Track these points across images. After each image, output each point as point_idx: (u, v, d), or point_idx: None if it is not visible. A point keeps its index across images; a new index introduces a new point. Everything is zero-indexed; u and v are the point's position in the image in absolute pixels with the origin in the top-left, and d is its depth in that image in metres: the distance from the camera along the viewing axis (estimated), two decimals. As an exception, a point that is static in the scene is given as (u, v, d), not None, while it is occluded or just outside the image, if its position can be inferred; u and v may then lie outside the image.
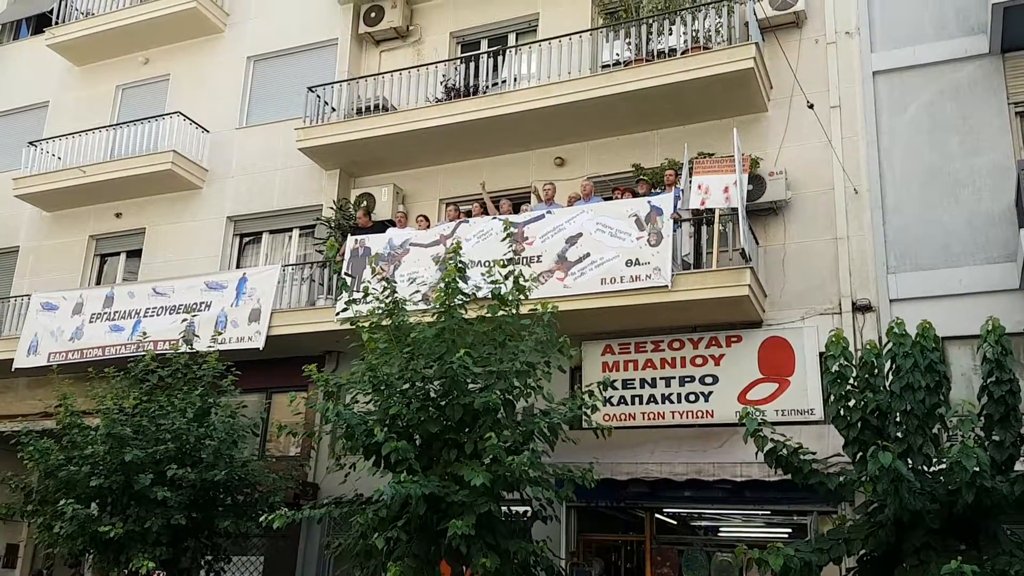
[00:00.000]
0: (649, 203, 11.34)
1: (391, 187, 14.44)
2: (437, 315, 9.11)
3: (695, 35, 12.47)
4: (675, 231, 11.20)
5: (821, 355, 9.61)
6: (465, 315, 9.12)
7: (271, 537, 12.07)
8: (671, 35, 12.68)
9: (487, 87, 14.18)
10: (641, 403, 11.87)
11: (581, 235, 11.49)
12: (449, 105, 13.70)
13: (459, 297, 9.07)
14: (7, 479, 11.81)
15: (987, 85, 11.56)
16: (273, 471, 11.93)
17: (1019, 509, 7.38)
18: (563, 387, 11.07)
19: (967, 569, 6.51)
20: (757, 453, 8.14)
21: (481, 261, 10.86)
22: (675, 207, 11.29)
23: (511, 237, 9.96)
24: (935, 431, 7.84)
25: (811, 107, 11.97)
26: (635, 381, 11.94)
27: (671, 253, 10.98)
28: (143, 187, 16.50)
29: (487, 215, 12.77)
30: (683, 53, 12.37)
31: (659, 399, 11.79)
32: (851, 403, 7.93)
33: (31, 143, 17.54)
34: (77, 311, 15.14)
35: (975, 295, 10.74)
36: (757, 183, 11.90)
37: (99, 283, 17.00)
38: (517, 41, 14.95)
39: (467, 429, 8.78)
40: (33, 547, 16.16)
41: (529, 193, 13.52)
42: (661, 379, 11.83)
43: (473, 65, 14.32)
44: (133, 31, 17.55)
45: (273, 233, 16.02)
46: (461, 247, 9.68)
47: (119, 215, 17.06)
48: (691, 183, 11.38)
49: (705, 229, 11.62)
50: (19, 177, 17.32)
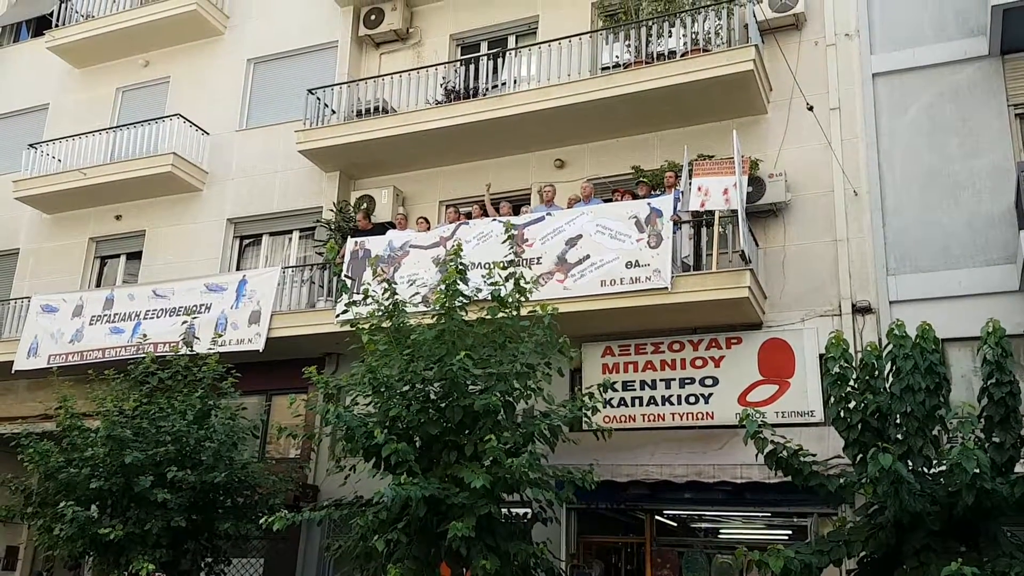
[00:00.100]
0: (649, 205, 11.34)
1: (391, 189, 14.46)
2: (437, 317, 9.11)
3: (695, 37, 12.48)
4: (675, 233, 11.20)
5: (821, 357, 9.61)
6: (465, 317, 9.12)
7: (271, 539, 12.06)
8: (671, 37, 12.69)
9: (487, 89, 14.18)
10: (641, 405, 11.86)
11: (581, 237, 11.49)
12: (449, 107, 13.70)
13: (459, 299, 9.07)
14: (7, 481, 11.80)
15: (987, 87, 11.56)
16: (273, 473, 11.93)
17: (1019, 511, 7.38)
18: (563, 389, 11.06)
19: (967, 571, 6.50)
20: (757, 455, 8.15)
21: (481, 263, 10.86)
22: (675, 209, 11.30)
23: (512, 239, 9.96)
24: (935, 433, 7.84)
25: (811, 109, 11.98)
26: (635, 383, 11.93)
27: (671, 255, 10.98)
28: (143, 189, 16.51)
29: (487, 217, 12.78)
30: (683, 55, 12.38)
31: (659, 401, 11.78)
32: (851, 405, 7.93)
33: (31, 145, 17.55)
34: (77, 313, 15.14)
35: (975, 297, 10.73)
36: (757, 185, 11.90)
37: (99, 285, 17.00)
38: (517, 43, 14.95)
39: (467, 431, 8.79)
40: (33, 549, 16.12)
41: (528, 195, 13.53)
42: (661, 381, 11.83)
43: (473, 67, 14.32)
44: (133, 33, 17.55)
45: (273, 235, 16.02)
46: (462, 249, 9.69)
47: (119, 217, 17.06)
48: (691, 185, 11.39)
49: (705, 231, 11.62)
50: (19, 179, 17.32)
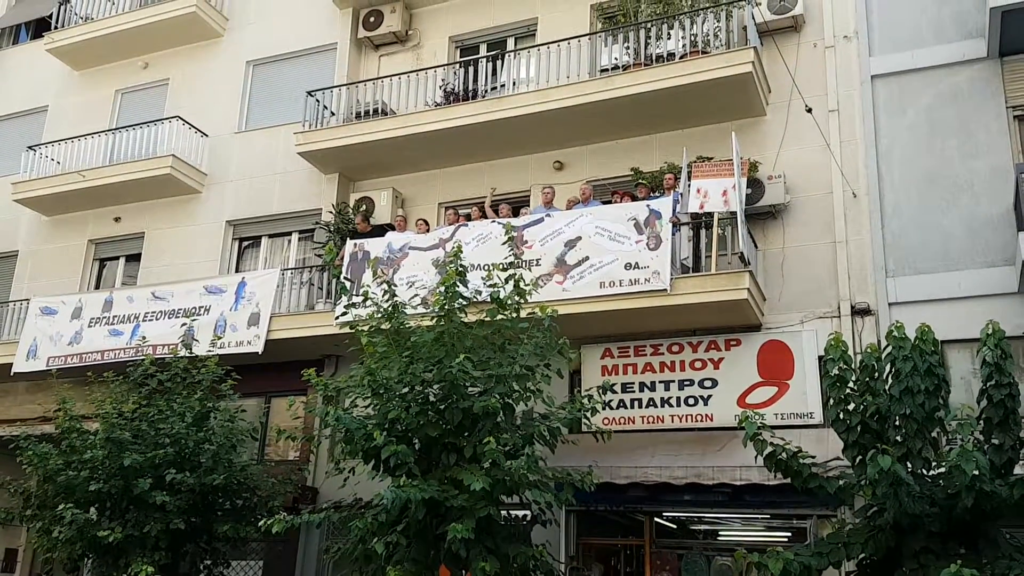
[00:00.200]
0: (648, 207, 11.34)
1: (390, 191, 14.47)
2: (436, 319, 9.11)
3: (694, 39, 12.48)
4: (674, 235, 11.21)
5: (820, 359, 9.62)
6: (464, 319, 9.12)
7: (270, 542, 12.07)
8: (670, 39, 12.69)
9: (486, 91, 14.18)
10: (640, 407, 11.86)
11: (580, 239, 11.49)
12: (448, 109, 13.71)
13: (459, 301, 9.07)
14: (6, 484, 11.79)
15: (985, 89, 11.57)
16: (272, 475, 11.91)
17: (1018, 513, 7.38)
18: (562, 391, 11.06)
19: (966, 573, 6.50)
20: (756, 457, 8.14)
21: (480, 265, 10.87)
22: (674, 211, 11.31)
23: (511, 241, 9.96)
24: (934, 435, 7.85)
25: (809, 111, 11.99)
26: (634, 385, 11.93)
27: (670, 257, 10.98)
28: (142, 191, 16.51)
29: (486, 219, 12.78)
30: (682, 57, 12.39)
31: (658, 403, 11.78)
32: (850, 407, 7.94)
33: (30, 147, 17.54)
34: (76, 315, 15.13)
35: (974, 299, 10.73)
36: (756, 187, 11.91)
37: (98, 287, 16.99)
38: (516, 45, 14.97)
39: (466, 433, 8.78)
40: (32, 552, 16.10)
41: (528, 197, 13.53)
42: (660, 383, 11.83)
43: (472, 69, 14.32)
44: (132, 36, 17.54)
45: (272, 237, 16.02)
46: (461, 251, 9.68)
47: (118, 219, 17.05)
48: (690, 187, 11.40)
49: (704, 233, 11.63)
50: (18, 181, 17.30)
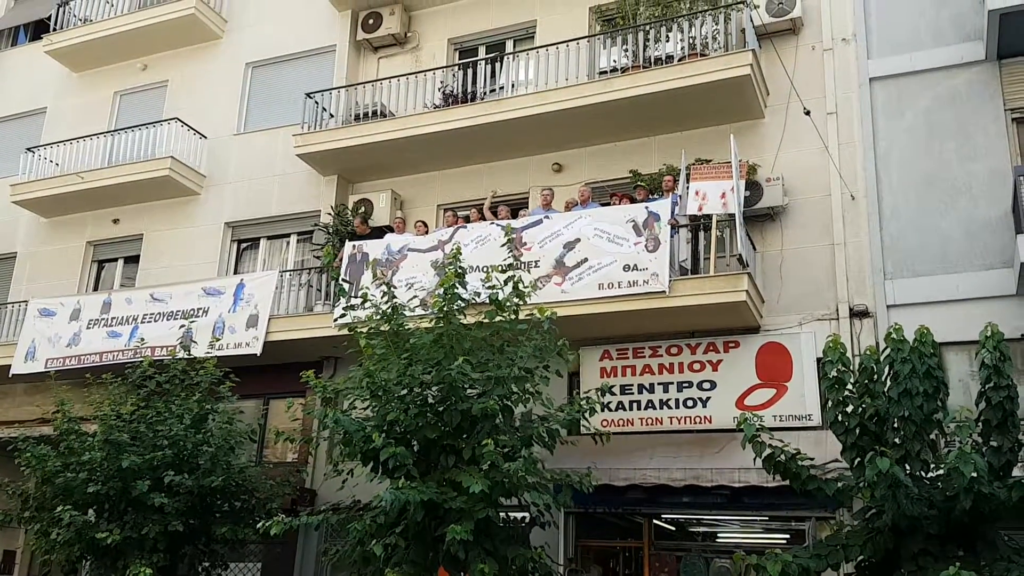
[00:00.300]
0: (647, 209, 11.35)
1: (389, 193, 14.47)
2: (435, 320, 9.11)
3: (692, 42, 12.49)
4: (672, 237, 11.21)
5: (819, 361, 9.63)
6: (463, 320, 9.12)
7: (268, 544, 12.05)
8: (668, 42, 12.70)
9: (485, 93, 14.18)
10: (639, 409, 11.85)
11: (579, 240, 11.50)
12: (447, 111, 13.71)
13: (457, 303, 9.06)
14: (4, 485, 11.78)
15: (984, 91, 11.58)
16: (270, 477, 11.89)
17: (1017, 515, 7.39)
18: (561, 393, 11.06)
19: (965, 575, 6.50)
20: (755, 459, 8.16)
21: (479, 267, 10.87)
22: (672, 213, 11.32)
23: (510, 243, 9.96)
24: (933, 437, 7.86)
25: (807, 113, 12.00)
26: (633, 387, 11.93)
27: (668, 259, 10.98)
28: (141, 193, 16.50)
29: (485, 221, 12.78)
30: (680, 60, 12.39)
31: (657, 405, 11.78)
32: (849, 409, 7.94)
33: (29, 149, 17.53)
34: (75, 317, 15.12)
35: (972, 301, 10.73)
36: (754, 189, 11.91)
37: (97, 289, 16.97)
38: (515, 48, 14.97)
39: (465, 435, 8.78)
40: (30, 554, 16.06)
41: (527, 199, 13.53)
42: (659, 385, 11.84)
43: (471, 71, 14.32)
44: (131, 37, 17.54)
45: (271, 239, 16.01)
46: (460, 252, 9.68)
47: (117, 221, 17.04)
48: (688, 189, 11.41)
49: (702, 235, 11.62)
50: (17, 183, 17.29)
